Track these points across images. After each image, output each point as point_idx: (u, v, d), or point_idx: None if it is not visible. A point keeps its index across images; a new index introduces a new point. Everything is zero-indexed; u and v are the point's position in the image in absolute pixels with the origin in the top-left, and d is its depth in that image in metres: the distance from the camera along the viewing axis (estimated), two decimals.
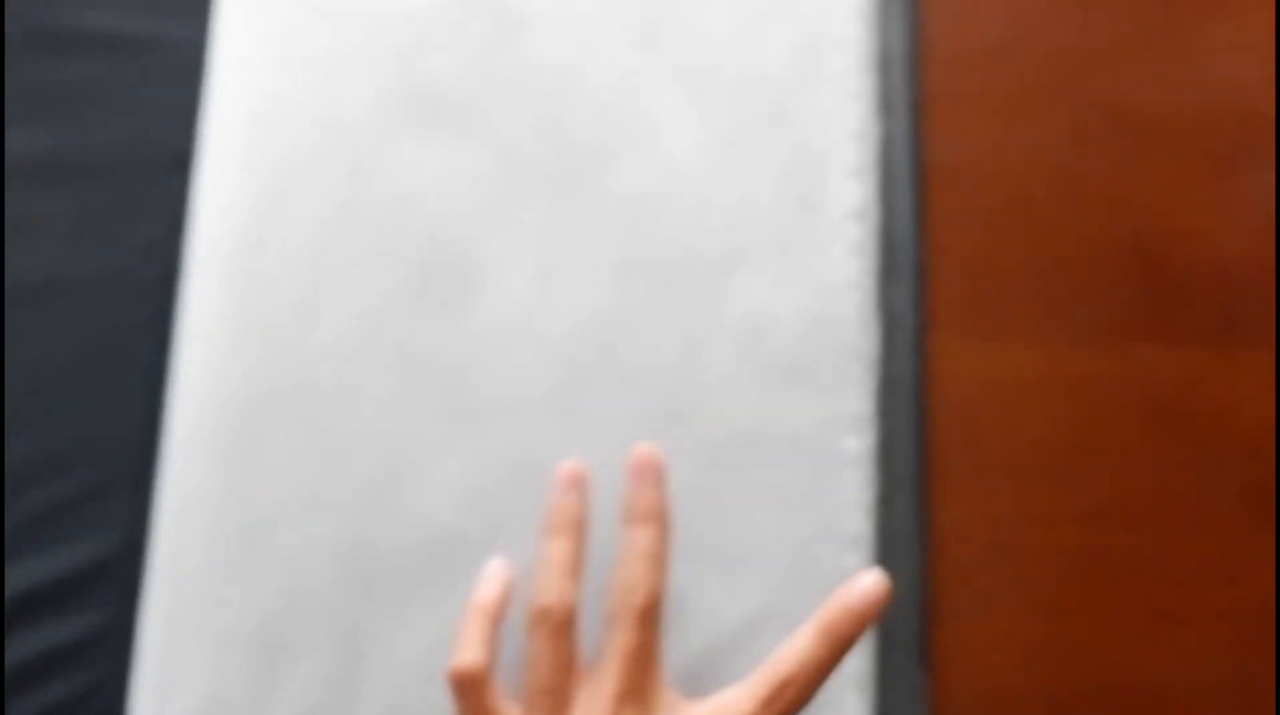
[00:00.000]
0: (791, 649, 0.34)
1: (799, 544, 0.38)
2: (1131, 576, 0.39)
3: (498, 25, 0.43)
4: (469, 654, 0.34)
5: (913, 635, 0.38)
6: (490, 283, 0.41)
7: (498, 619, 0.36)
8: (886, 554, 0.38)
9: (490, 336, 0.40)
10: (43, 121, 0.42)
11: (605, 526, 0.37)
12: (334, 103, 0.42)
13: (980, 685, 0.38)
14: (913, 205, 0.42)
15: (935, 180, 0.43)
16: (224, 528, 0.38)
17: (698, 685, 0.36)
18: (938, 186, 0.43)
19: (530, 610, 0.35)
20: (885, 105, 0.43)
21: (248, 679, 0.37)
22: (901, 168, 0.42)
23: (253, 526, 0.38)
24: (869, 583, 0.34)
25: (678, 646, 0.37)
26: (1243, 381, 0.41)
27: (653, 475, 0.37)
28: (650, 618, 0.35)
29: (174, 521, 0.39)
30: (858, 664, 0.37)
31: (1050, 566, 0.39)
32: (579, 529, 0.36)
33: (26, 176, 0.42)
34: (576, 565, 0.36)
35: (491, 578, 0.37)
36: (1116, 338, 0.42)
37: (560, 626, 0.34)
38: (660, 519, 0.36)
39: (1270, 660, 0.38)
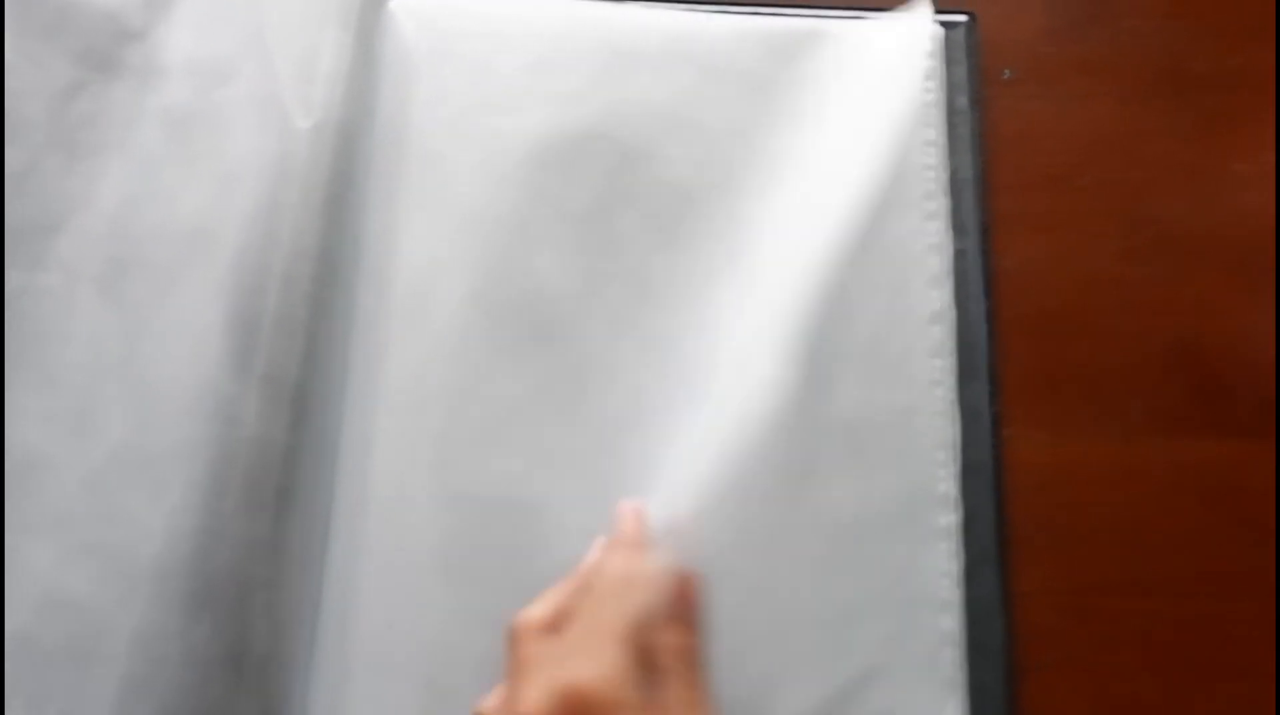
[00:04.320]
0: None
1: (900, 608, 0.44)
2: (1188, 637, 0.45)
3: (619, 151, 0.50)
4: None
5: (1001, 689, 0.43)
6: (619, 378, 0.47)
7: None
8: (975, 617, 0.44)
9: (621, 426, 0.46)
10: None
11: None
12: (472, 221, 0.49)
13: None
14: (985, 312, 0.48)
15: (1002, 291, 0.49)
16: (389, 597, 0.44)
17: None
18: (1004, 296, 0.49)
19: None
20: (958, 225, 0.49)
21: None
22: (974, 279, 0.48)
23: (414, 596, 0.44)
24: None
25: (796, 702, 0.42)
26: (1273, 469, 0.47)
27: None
28: None
29: (344, 587, 0.44)
30: (955, 713, 0.42)
31: (1115, 629, 0.45)
32: None
33: None
34: None
35: None
36: (1164, 429, 0.48)
37: None
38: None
39: None
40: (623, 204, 0.49)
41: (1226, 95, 0.53)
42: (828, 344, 0.47)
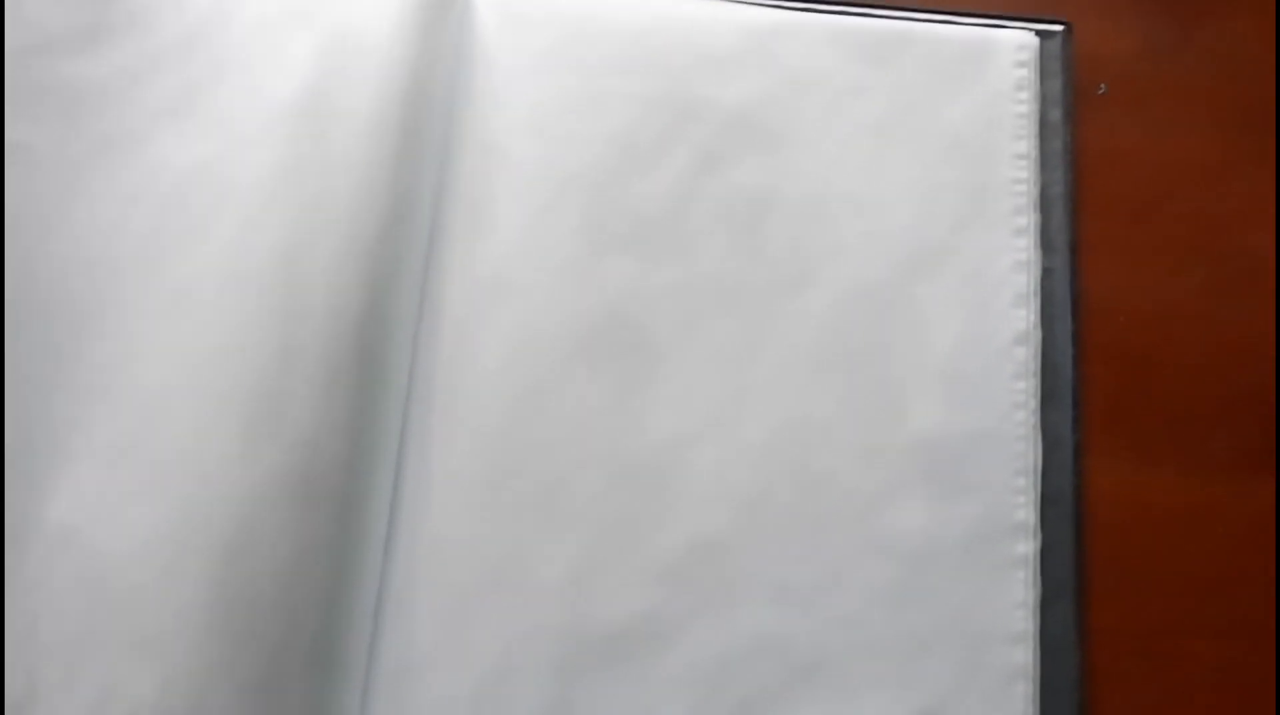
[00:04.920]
0: None
1: (972, 639, 0.42)
2: (1264, 686, 0.43)
3: (696, 155, 0.48)
4: None
5: None
6: (690, 387, 0.45)
7: None
8: (1046, 653, 0.42)
9: (689, 437, 0.44)
10: None
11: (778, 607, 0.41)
12: (541, 220, 0.47)
13: None
14: (1071, 334, 0.46)
15: (1088, 316, 0.47)
16: (446, 604, 0.42)
17: None
18: (1090, 322, 0.47)
19: None
20: (1047, 243, 0.47)
21: None
22: (1061, 299, 0.46)
23: (471, 605, 0.42)
24: None
25: None
26: None
27: None
28: None
29: (401, 595, 0.42)
30: None
31: (1188, 674, 0.43)
32: None
33: None
34: None
35: None
36: (1246, 470, 0.46)
37: None
38: None
39: None
40: (697, 209, 0.47)
41: None
42: (906, 360, 0.45)
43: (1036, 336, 0.46)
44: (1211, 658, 0.43)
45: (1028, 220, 0.47)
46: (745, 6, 0.51)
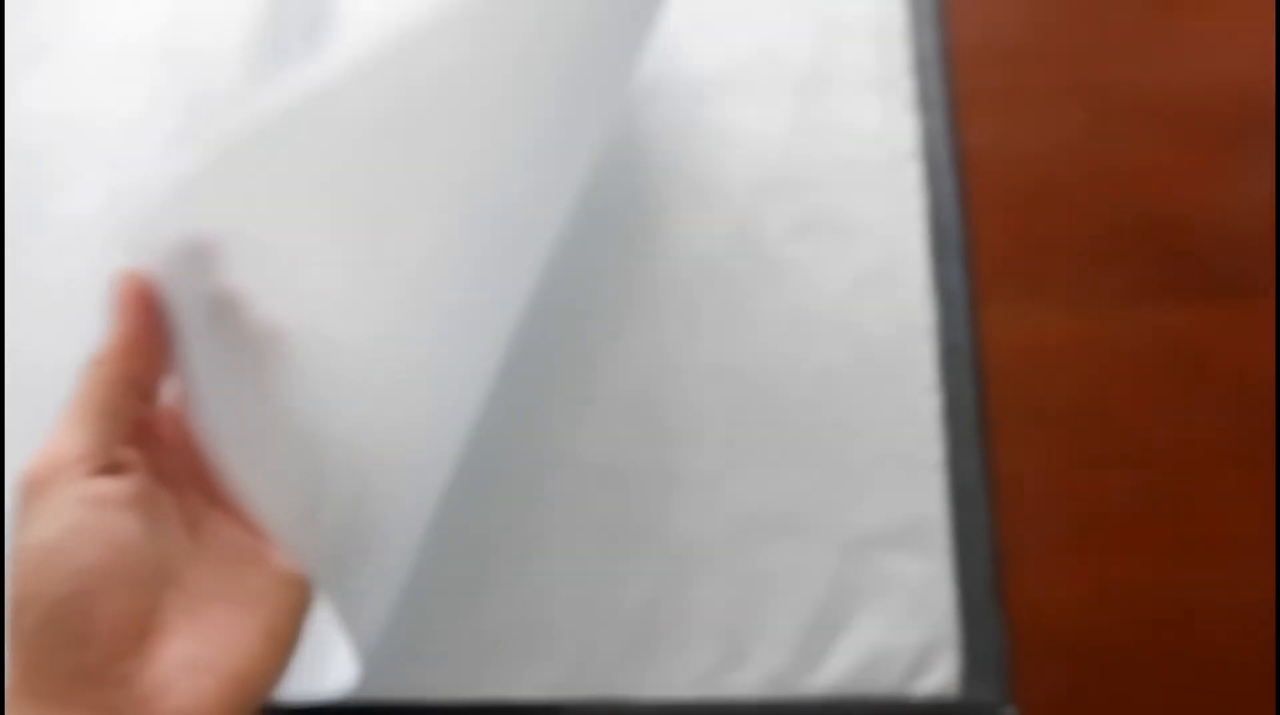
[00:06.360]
0: None
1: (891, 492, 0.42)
2: (1170, 510, 0.44)
3: None
4: None
5: (989, 576, 0.42)
6: None
7: None
8: (960, 504, 0.42)
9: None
10: None
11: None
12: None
13: (1048, 617, 0.42)
14: (955, 191, 0.46)
15: (971, 168, 0.47)
16: None
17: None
18: (974, 174, 0.47)
19: None
20: (925, 102, 0.47)
21: None
22: (942, 158, 0.47)
23: None
24: None
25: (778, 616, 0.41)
26: (1253, 332, 0.46)
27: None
28: None
29: None
30: (945, 600, 0.41)
31: (1101, 507, 0.44)
32: None
33: None
34: None
35: None
36: (1139, 299, 0.46)
37: None
38: None
39: None
40: None
41: None
42: (806, 227, 0.45)
43: (922, 196, 0.46)
44: (1121, 486, 0.44)
45: (903, 82, 0.47)
46: None
